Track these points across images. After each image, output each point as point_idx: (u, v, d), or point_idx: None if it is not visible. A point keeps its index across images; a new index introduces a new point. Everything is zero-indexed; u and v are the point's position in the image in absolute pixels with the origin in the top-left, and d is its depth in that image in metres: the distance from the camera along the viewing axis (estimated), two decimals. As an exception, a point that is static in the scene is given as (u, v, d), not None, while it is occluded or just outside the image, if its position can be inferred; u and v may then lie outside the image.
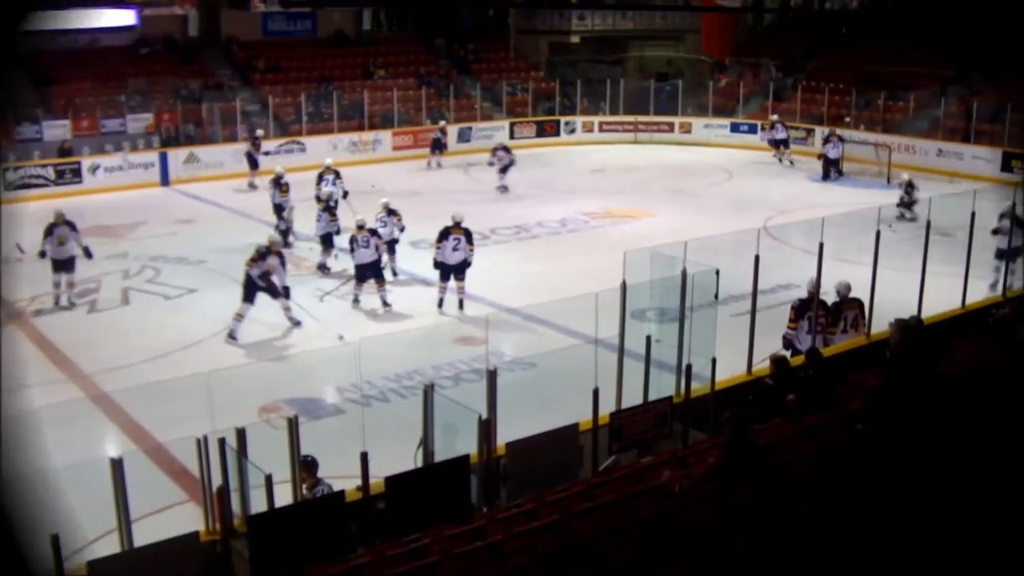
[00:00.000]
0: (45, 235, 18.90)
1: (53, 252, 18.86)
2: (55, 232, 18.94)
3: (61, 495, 8.91)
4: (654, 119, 38.32)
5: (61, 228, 19.01)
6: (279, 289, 17.21)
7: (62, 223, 19.12)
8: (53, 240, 18.88)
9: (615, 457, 10.24)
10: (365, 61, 39.03)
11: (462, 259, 17.90)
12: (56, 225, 19.03)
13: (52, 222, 19.07)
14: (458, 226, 18.02)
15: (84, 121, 31.96)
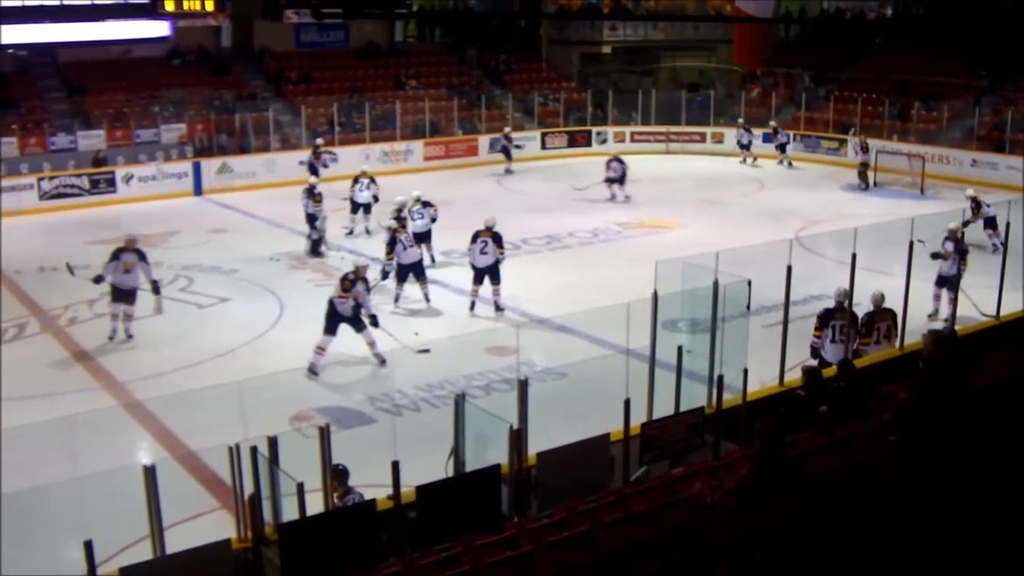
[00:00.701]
0: (110, 259, 17.23)
1: (116, 279, 17.16)
2: (122, 258, 17.18)
3: (94, 502, 8.98)
4: (686, 129, 38.26)
5: (129, 255, 17.28)
6: (367, 321, 15.74)
7: (132, 250, 17.37)
8: (118, 266, 17.15)
9: (646, 468, 10.21)
10: (397, 72, 39.19)
11: (491, 262, 18.00)
12: (124, 251, 17.27)
13: (121, 247, 17.36)
14: (488, 229, 18.17)
15: (118, 131, 32.22)
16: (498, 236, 18.18)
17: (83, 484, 8.84)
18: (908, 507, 7.69)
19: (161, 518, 8.31)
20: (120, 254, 17.21)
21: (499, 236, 18.21)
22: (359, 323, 15.66)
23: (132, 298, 17.36)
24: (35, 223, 27.72)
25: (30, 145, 30.84)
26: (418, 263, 19.09)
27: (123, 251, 17.25)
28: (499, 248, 18.10)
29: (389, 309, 18.23)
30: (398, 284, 19.07)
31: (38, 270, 22.45)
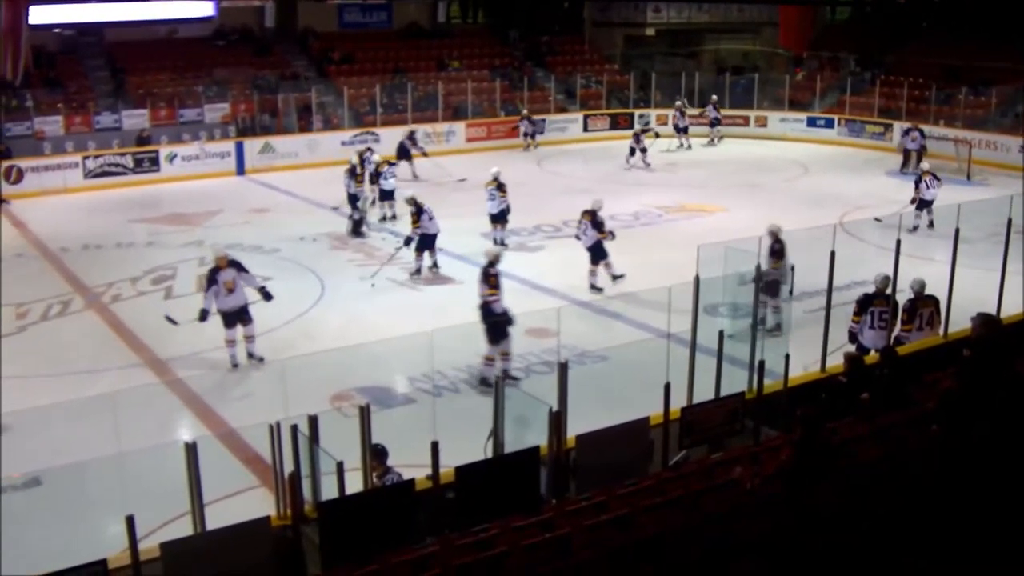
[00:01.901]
0: (207, 284, 15.31)
1: (221, 303, 15.19)
2: (220, 278, 15.18)
3: (136, 478, 9.06)
4: (729, 113, 38.00)
5: (227, 272, 15.26)
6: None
7: (226, 265, 15.37)
8: (220, 289, 15.15)
9: (685, 452, 10.17)
10: (440, 53, 39.18)
11: (589, 243, 18.18)
12: (219, 270, 15.27)
13: (213, 267, 15.45)
14: (588, 212, 18.33)
15: (162, 111, 32.47)
16: (597, 221, 18.19)
17: (125, 460, 8.92)
18: (948, 500, 7.62)
19: (202, 495, 8.38)
20: (216, 275, 15.22)
21: (599, 221, 18.21)
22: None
23: (247, 317, 15.43)
24: (80, 201, 27.99)
25: (75, 124, 31.13)
26: (436, 236, 19.57)
27: (218, 271, 15.28)
28: (599, 232, 18.12)
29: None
30: (418, 255, 19.48)
31: (82, 247, 22.68)
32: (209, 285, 15.21)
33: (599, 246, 18.13)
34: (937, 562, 7.04)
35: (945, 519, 7.34)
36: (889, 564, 7.16)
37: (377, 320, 16.80)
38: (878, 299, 13.28)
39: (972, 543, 7.09)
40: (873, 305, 13.28)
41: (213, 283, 15.15)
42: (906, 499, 7.84)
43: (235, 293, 15.19)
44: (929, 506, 7.61)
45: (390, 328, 15.63)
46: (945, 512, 7.45)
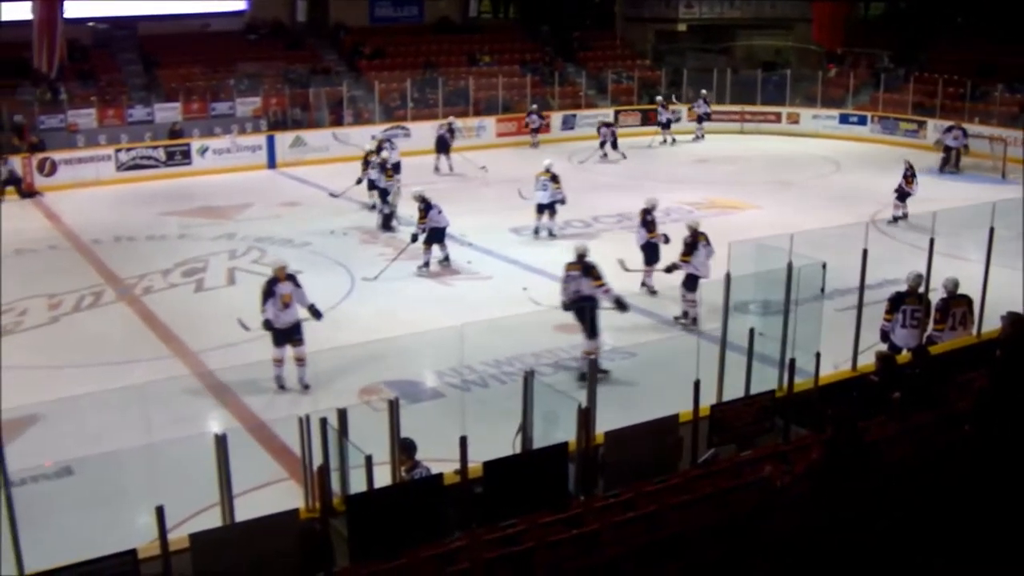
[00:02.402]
0: (265, 296, 14.17)
1: (274, 316, 14.09)
2: (278, 291, 14.12)
3: (166, 468, 9.11)
4: (761, 109, 37.86)
5: (285, 285, 14.22)
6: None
7: (285, 278, 14.32)
8: (277, 301, 14.10)
9: (714, 450, 10.13)
10: (470, 47, 39.19)
11: (641, 242, 18.07)
12: (277, 281, 14.21)
13: (272, 278, 14.31)
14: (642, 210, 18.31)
15: (194, 104, 32.62)
16: (647, 221, 18.07)
17: (156, 451, 8.97)
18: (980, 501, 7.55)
19: (231, 486, 8.41)
20: (274, 286, 14.15)
21: (649, 221, 18.08)
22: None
23: (299, 335, 14.29)
24: (112, 193, 28.17)
25: (108, 117, 31.32)
26: (445, 229, 19.64)
27: (276, 282, 14.20)
28: (649, 232, 17.96)
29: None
30: (426, 248, 19.59)
31: (114, 240, 22.81)
32: (266, 298, 14.11)
33: (651, 247, 17.89)
34: (968, 564, 6.99)
35: (976, 520, 7.28)
36: (919, 565, 7.12)
37: (406, 314, 16.81)
38: (910, 298, 13.18)
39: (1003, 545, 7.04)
40: (905, 304, 13.18)
41: (271, 295, 14.10)
42: (937, 500, 7.78)
43: (289, 308, 14.17)
44: (960, 507, 7.55)
45: (419, 322, 15.65)
46: (976, 513, 7.39)
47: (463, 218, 22.43)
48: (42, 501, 10.29)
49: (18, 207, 26.76)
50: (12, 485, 8.42)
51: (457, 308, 16.82)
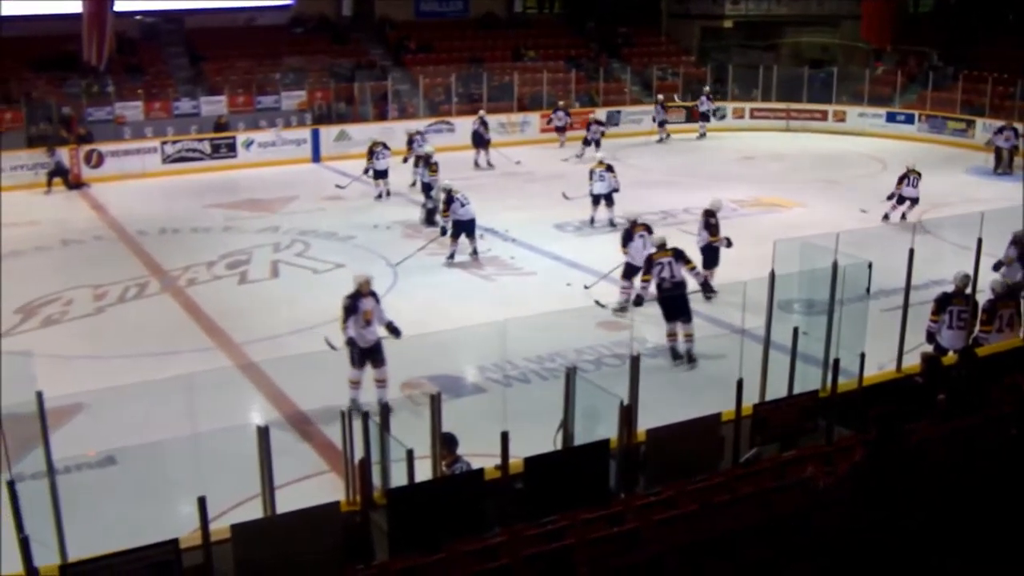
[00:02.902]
0: (347, 313, 13.08)
1: (356, 334, 13.06)
2: (360, 307, 13.08)
3: (208, 459, 9.15)
4: (807, 107, 37.58)
5: (367, 300, 13.18)
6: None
7: (368, 293, 13.29)
8: (359, 318, 13.07)
9: (756, 450, 10.06)
10: (515, 43, 39.16)
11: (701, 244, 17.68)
12: (360, 296, 13.15)
13: (356, 290, 13.24)
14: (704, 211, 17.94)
15: (240, 97, 32.83)
16: (710, 223, 17.68)
17: (198, 441, 9.01)
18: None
19: (272, 478, 8.44)
20: (358, 302, 13.07)
21: (711, 224, 17.67)
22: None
23: (380, 357, 13.16)
24: (158, 185, 28.42)
25: (155, 110, 31.57)
26: (472, 221, 19.78)
27: (359, 297, 13.12)
28: (711, 236, 17.59)
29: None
30: (453, 241, 19.82)
31: (160, 231, 23.00)
32: (349, 314, 13.03)
33: (712, 250, 17.55)
34: (1012, 568, 6.91)
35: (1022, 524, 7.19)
36: (962, 569, 7.04)
37: (448, 309, 16.83)
38: (957, 298, 13.04)
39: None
40: (952, 304, 13.04)
41: (353, 312, 13.03)
42: (981, 503, 7.69)
43: (371, 326, 13.10)
44: (1005, 511, 7.46)
45: (461, 317, 15.66)
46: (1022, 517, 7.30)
47: (506, 213, 22.48)
48: (85, 489, 10.38)
49: (65, 198, 27.07)
50: (56, 473, 8.51)
51: (499, 303, 16.84)
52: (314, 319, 16.39)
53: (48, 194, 27.28)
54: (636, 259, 16.50)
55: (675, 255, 15.18)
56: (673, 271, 15.06)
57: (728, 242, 17.47)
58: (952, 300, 13.04)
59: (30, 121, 29.65)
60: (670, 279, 15.04)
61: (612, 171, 22.34)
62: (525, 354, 14.46)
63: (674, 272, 15.07)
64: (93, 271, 19.42)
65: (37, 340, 15.47)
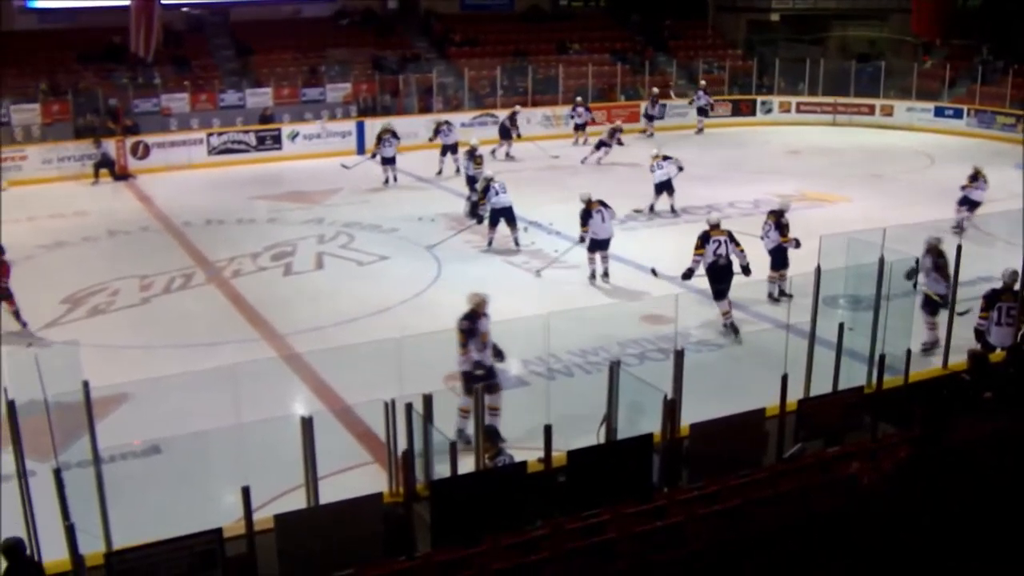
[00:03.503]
0: (468, 335, 11.80)
1: (481, 358, 11.83)
2: (479, 328, 11.85)
3: (252, 449, 9.21)
4: (854, 101, 37.25)
5: (484, 321, 11.96)
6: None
7: (484, 313, 12.00)
8: (477, 341, 11.82)
9: (801, 445, 10.01)
10: (560, 36, 39.07)
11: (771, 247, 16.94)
12: (478, 316, 11.91)
13: (472, 310, 11.96)
14: (773, 212, 17.29)
15: (285, 89, 32.99)
16: (781, 224, 16.95)
17: (242, 432, 9.06)
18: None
19: (316, 468, 8.47)
20: (476, 323, 11.85)
21: (782, 224, 16.94)
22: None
23: (496, 382, 11.99)
24: (203, 177, 28.60)
25: (201, 102, 31.80)
26: (508, 209, 20.07)
27: (477, 317, 11.90)
28: (781, 236, 16.81)
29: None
30: (491, 228, 20.22)
31: (205, 222, 23.14)
32: (468, 337, 11.78)
33: (781, 251, 16.90)
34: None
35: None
36: (1008, 569, 6.96)
37: (492, 302, 16.72)
38: (1006, 295, 12.87)
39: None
40: (1001, 300, 12.88)
41: (472, 334, 11.80)
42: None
43: (487, 348, 11.94)
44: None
45: (505, 310, 15.57)
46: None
47: (551, 206, 22.43)
48: (130, 478, 10.47)
49: (112, 189, 27.31)
50: (102, 462, 8.58)
51: (542, 296, 16.80)
52: (358, 311, 16.49)
53: (95, 185, 27.54)
54: (599, 234, 17.80)
55: (729, 236, 15.65)
56: (728, 249, 15.52)
57: (797, 243, 16.74)
58: (1001, 296, 12.88)
59: (77, 112, 29.95)
60: (725, 256, 15.50)
61: (669, 159, 22.85)
62: (568, 347, 14.41)
63: (728, 251, 15.52)
64: (139, 262, 19.57)
65: (83, 330, 15.61)
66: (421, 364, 13.70)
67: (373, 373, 13.70)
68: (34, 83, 30.43)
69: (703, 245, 15.61)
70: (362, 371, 13.26)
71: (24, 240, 21.25)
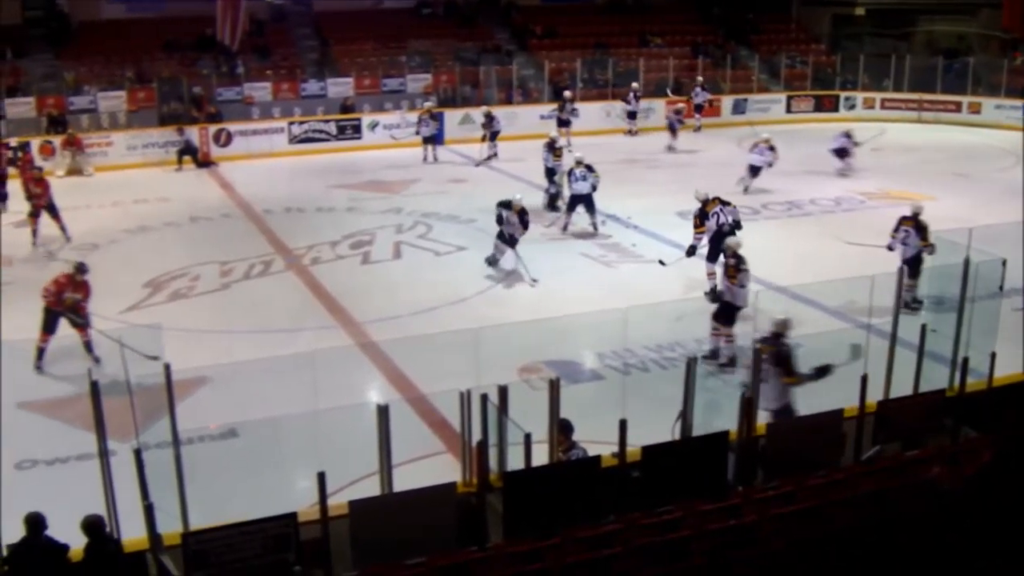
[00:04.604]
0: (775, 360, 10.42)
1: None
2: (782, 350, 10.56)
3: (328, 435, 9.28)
4: (940, 98, 36.60)
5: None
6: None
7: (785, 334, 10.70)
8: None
9: (879, 448, 9.86)
10: (641, 28, 38.87)
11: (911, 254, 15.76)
12: (780, 336, 10.68)
13: (775, 332, 10.69)
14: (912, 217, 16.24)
15: (366, 79, 33.18)
16: (922, 226, 16.02)
17: (319, 418, 9.13)
18: None
19: (390, 456, 8.51)
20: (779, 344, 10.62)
21: (923, 226, 15.99)
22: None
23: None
24: (284, 165, 28.90)
25: (283, 91, 32.12)
26: (584, 196, 20.42)
27: (780, 336, 10.68)
28: (922, 240, 15.81)
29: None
30: (567, 213, 20.81)
31: (285, 210, 23.37)
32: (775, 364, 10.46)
33: (919, 258, 15.80)
34: None
35: None
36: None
37: (568, 295, 16.78)
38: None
39: None
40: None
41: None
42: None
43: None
44: None
45: (580, 303, 15.60)
46: None
47: (628, 200, 22.34)
48: (207, 461, 10.59)
49: (194, 176, 27.69)
50: (181, 444, 8.70)
51: (619, 291, 16.72)
52: (435, 301, 16.55)
53: (178, 171, 27.94)
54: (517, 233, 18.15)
55: (721, 202, 16.73)
56: (726, 215, 16.51)
57: (933, 248, 15.67)
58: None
59: (162, 100, 30.43)
60: (728, 223, 16.42)
61: (773, 150, 24.14)
62: (645, 342, 14.35)
63: (727, 216, 16.50)
64: (220, 248, 19.81)
65: (165, 313, 15.82)
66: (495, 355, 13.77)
67: (449, 363, 13.81)
68: (121, 71, 30.98)
69: (702, 223, 16.63)
70: (438, 361, 13.32)
71: (109, 224, 21.66)
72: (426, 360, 13.50)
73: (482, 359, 13.42)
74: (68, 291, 13.79)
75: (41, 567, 7.54)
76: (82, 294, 13.96)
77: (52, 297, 13.74)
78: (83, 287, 14.01)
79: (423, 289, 17.27)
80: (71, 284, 13.86)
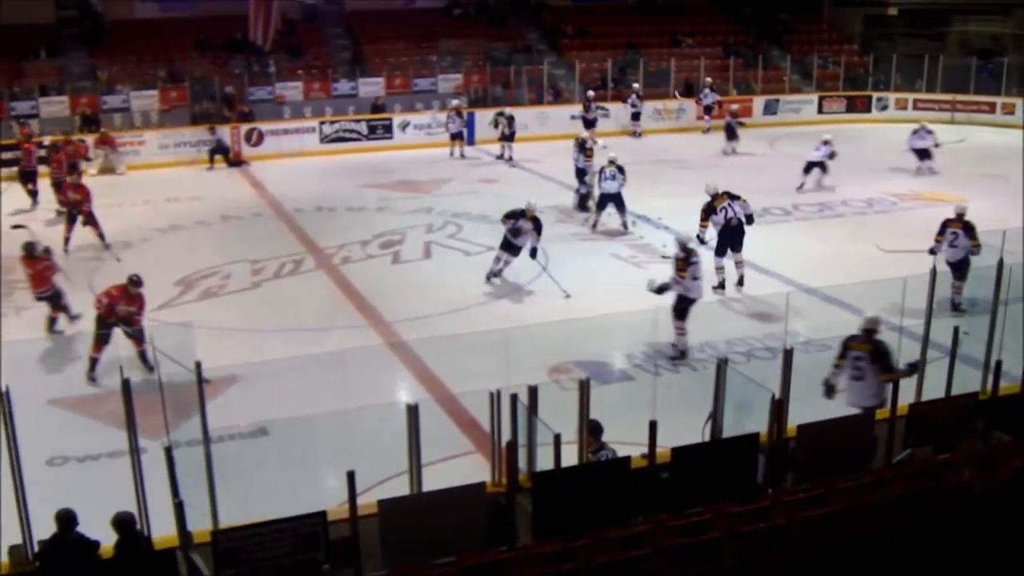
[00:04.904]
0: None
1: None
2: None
3: (357, 434, 9.30)
4: (974, 98, 36.31)
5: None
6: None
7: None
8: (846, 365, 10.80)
9: (910, 451, 9.80)
10: (672, 29, 38.79)
11: (959, 257, 15.82)
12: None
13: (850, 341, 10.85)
14: (958, 219, 16.23)
15: (397, 79, 33.28)
16: (970, 226, 16.00)
17: (348, 417, 9.16)
18: None
19: (420, 456, 8.52)
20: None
21: (971, 226, 16.13)
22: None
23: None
24: (315, 165, 28.98)
25: (314, 90, 32.26)
26: (613, 196, 20.59)
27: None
28: (971, 240, 15.81)
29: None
30: (598, 212, 21.06)
31: (315, 209, 23.46)
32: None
33: (966, 260, 15.79)
34: None
35: None
36: None
37: (598, 295, 16.76)
38: None
39: None
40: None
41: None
42: None
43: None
44: None
45: (610, 303, 15.56)
46: None
47: (658, 200, 22.31)
48: (237, 459, 10.64)
49: (226, 175, 27.83)
50: (211, 442, 8.75)
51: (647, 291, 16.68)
52: (464, 301, 16.58)
53: (210, 170, 28.10)
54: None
55: (730, 196, 17.02)
56: (735, 210, 16.92)
57: (979, 248, 15.65)
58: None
59: (194, 99, 30.63)
60: (736, 217, 16.93)
61: (829, 144, 24.69)
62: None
63: (736, 211, 16.92)
64: (251, 246, 19.90)
65: (196, 312, 15.91)
66: (525, 355, 13.78)
67: (478, 363, 13.83)
68: (153, 70, 31.18)
69: (707, 218, 17.12)
70: (467, 361, 13.34)
71: (141, 223, 21.80)
72: (455, 360, 13.52)
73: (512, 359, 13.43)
74: (121, 303, 13.45)
75: (72, 563, 7.60)
76: (136, 306, 13.65)
77: (105, 308, 13.50)
78: (137, 299, 13.67)
79: (453, 289, 17.29)
80: (124, 296, 13.53)
